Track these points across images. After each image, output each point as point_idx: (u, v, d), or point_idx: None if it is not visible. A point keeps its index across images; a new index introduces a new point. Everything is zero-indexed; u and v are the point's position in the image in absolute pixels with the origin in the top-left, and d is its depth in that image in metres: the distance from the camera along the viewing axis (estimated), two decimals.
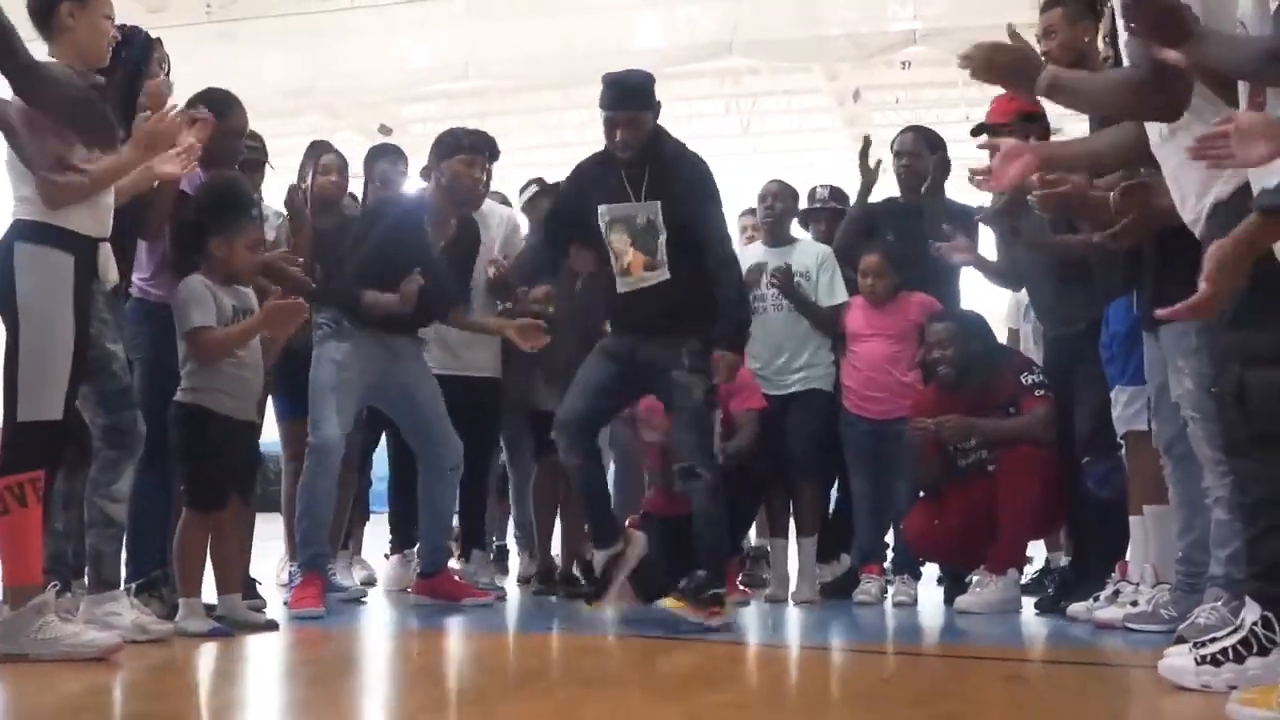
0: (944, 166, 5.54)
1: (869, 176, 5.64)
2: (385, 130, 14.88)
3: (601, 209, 4.55)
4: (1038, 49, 4.59)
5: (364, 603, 5.16)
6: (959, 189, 5.82)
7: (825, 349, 5.46)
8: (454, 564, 5.36)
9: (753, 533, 6.05)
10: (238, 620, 4.10)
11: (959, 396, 5.04)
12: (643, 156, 4.48)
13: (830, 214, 5.91)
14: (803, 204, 5.88)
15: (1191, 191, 3.13)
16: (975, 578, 4.94)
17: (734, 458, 5.21)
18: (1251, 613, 2.95)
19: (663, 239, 4.48)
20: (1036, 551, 5.38)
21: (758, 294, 5.42)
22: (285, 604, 4.72)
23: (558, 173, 6.55)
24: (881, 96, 17.02)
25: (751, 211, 6.18)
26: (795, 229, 5.80)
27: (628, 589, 5.17)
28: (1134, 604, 4.19)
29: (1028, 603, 4.95)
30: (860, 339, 5.38)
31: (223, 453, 4.05)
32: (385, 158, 5.73)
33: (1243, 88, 2.83)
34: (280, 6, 13.27)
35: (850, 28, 12.58)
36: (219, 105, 4.47)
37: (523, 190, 6.06)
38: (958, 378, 5.03)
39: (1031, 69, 3.33)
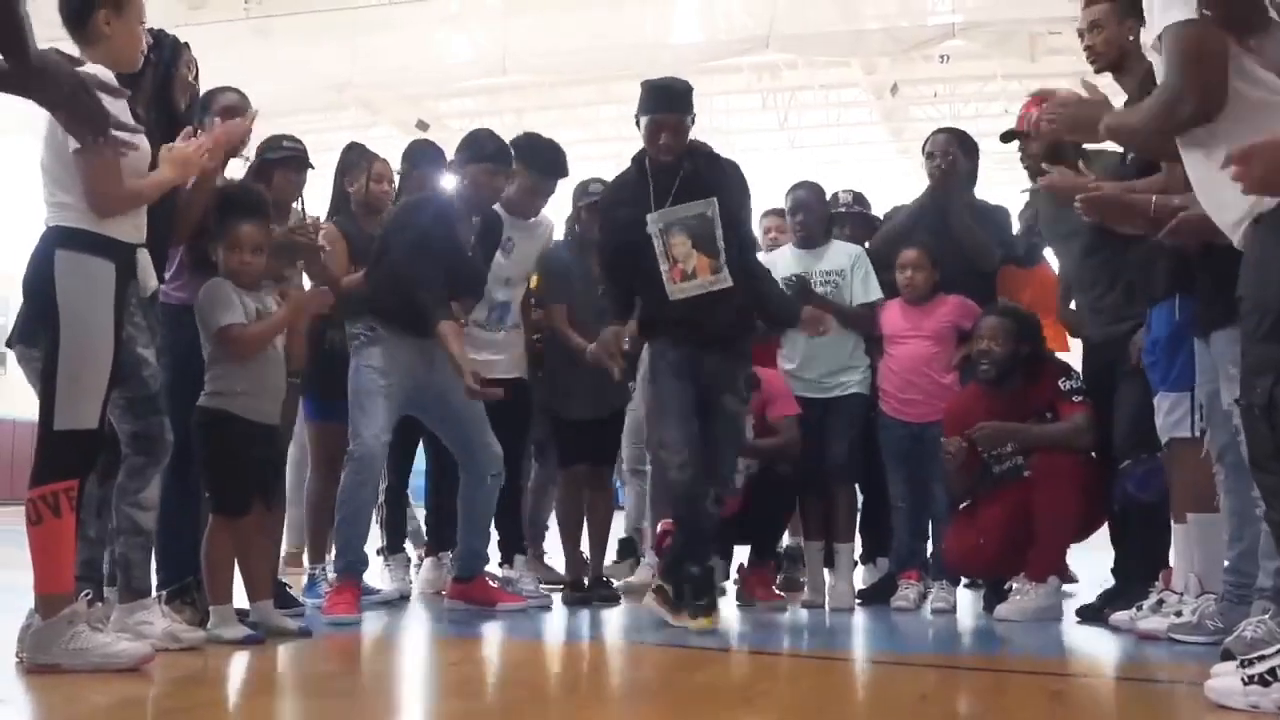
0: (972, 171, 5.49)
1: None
2: (423, 125, 14.89)
3: (651, 217, 4.54)
4: (1081, 43, 4.54)
5: (397, 606, 5.14)
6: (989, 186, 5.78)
7: (860, 351, 5.40)
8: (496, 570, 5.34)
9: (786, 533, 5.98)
10: (271, 627, 4.08)
11: (996, 399, 4.97)
12: (676, 164, 4.50)
13: (854, 218, 5.86)
14: None
15: (1230, 202, 3.04)
16: (1015, 584, 4.87)
17: (771, 461, 5.18)
18: None
19: (720, 239, 4.48)
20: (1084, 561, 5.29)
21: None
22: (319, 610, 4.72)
23: (593, 167, 6.53)
24: (919, 90, 16.92)
25: (776, 212, 6.10)
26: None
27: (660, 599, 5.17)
28: (1178, 614, 4.11)
29: (1069, 607, 4.87)
30: (897, 340, 5.32)
31: (245, 457, 4.03)
32: (424, 157, 5.68)
33: None
34: (318, 2, 13.32)
35: (888, 21, 12.53)
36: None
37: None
38: (997, 376, 4.95)
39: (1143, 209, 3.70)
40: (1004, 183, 9.38)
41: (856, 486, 5.54)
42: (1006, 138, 4.91)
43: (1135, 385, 4.41)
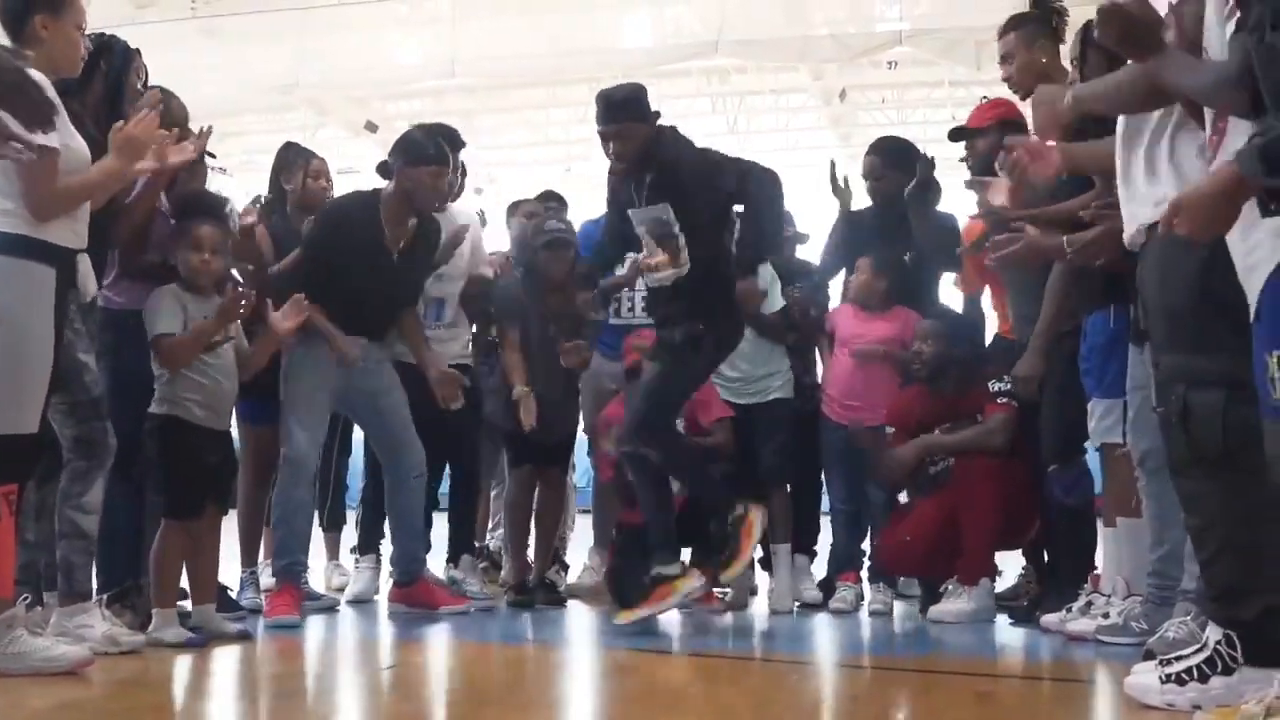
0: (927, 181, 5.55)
1: (843, 198, 5.69)
2: (371, 127, 14.85)
3: (630, 213, 4.69)
4: (1001, 74, 4.64)
5: (337, 611, 5.16)
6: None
7: (779, 356, 5.45)
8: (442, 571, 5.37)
9: None
10: (212, 630, 4.10)
11: (933, 399, 5.07)
12: (644, 165, 4.57)
13: None
14: None
15: (1143, 201, 3.14)
16: (949, 587, 4.95)
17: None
18: (1214, 632, 2.97)
19: (680, 236, 4.55)
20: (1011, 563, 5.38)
21: None
22: (261, 613, 4.74)
23: (543, 170, 6.60)
24: (868, 96, 17.05)
25: None
26: None
27: (605, 595, 5.23)
28: (1105, 616, 4.21)
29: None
30: (846, 343, 5.37)
31: (198, 462, 4.06)
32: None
33: (1208, 110, 2.85)
34: (266, 3, 13.24)
35: (836, 28, 12.61)
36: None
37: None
38: (929, 377, 5.06)
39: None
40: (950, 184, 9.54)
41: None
42: (954, 136, 5.00)
43: (1063, 391, 4.48)
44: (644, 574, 5.04)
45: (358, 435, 5.65)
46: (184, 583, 4.23)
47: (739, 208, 4.68)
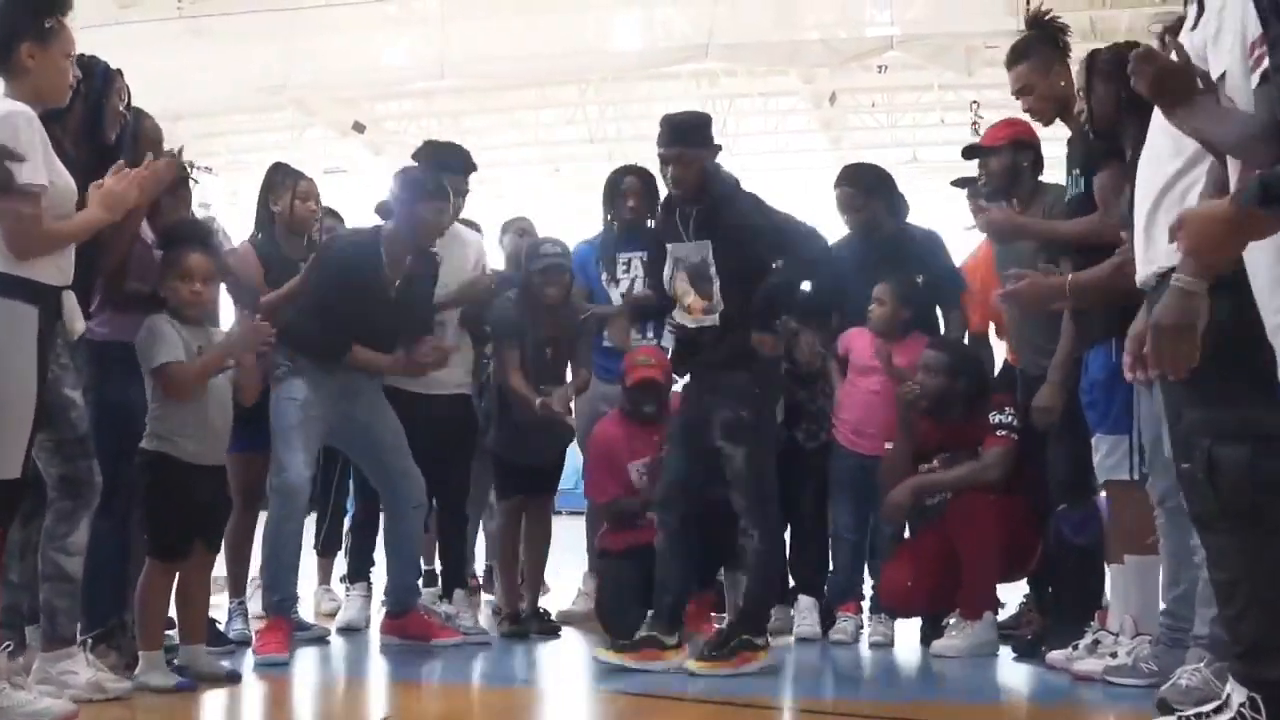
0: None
1: None
2: (359, 127, 14.75)
3: (669, 248, 4.61)
4: (1021, 105, 4.56)
5: (328, 642, 5.05)
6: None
7: None
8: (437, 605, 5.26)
9: None
10: (200, 672, 4.00)
11: (938, 429, 4.98)
12: (699, 196, 4.48)
13: None
14: None
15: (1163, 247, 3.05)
16: (951, 620, 4.87)
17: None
18: (1238, 693, 2.88)
19: (715, 280, 4.47)
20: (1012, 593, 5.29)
21: None
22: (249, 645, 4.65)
23: (532, 171, 6.50)
24: (858, 100, 16.98)
25: None
26: None
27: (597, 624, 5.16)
28: (1113, 655, 4.12)
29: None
30: (864, 371, 5.24)
31: (188, 501, 3.95)
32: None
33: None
34: (253, 2, 13.10)
35: (827, 32, 12.53)
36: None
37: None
38: (930, 409, 4.97)
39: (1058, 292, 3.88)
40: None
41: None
42: (968, 154, 4.90)
43: (1071, 427, 4.40)
44: (630, 603, 5.03)
45: None
46: (171, 610, 4.12)
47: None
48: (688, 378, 4.79)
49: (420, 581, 5.23)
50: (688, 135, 4.50)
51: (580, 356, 5.34)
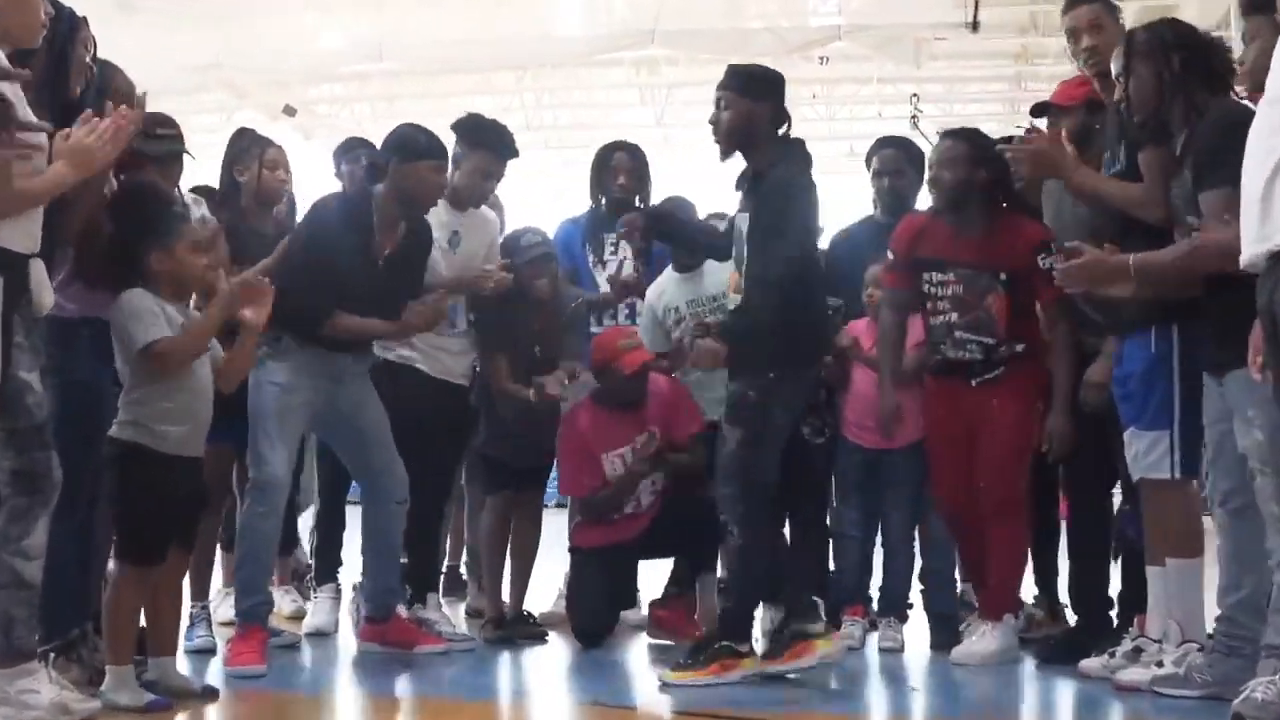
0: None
1: None
2: (290, 111, 14.28)
3: (734, 218, 4.30)
4: (1076, 45, 4.28)
5: (299, 649, 4.67)
6: None
7: None
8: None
9: None
10: (172, 687, 3.60)
11: (953, 242, 4.52)
12: (744, 155, 4.18)
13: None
14: None
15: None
16: (970, 623, 4.60)
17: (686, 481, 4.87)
18: None
19: (745, 256, 4.13)
20: None
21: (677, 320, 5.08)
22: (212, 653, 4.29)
23: None
24: (797, 91, 16.76)
25: (719, 215, 5.73)
26: None
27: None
28: (1159, 665, 3.87)
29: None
30: (864, 362, 4.91)
31: (165, 498, 3.54)
32: (348, 155, 5.23)
33: None
34: None
35: (771, 21, 12.35)
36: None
37: None
38: (950, 206, 4.54)
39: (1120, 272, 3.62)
40: None
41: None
42: (1037, 111, 4.60)
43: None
44: (601, 603, 4.84)
45: None
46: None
47: None
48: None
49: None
50: (741, 80, 4.18)
51: (570, 349, 4.99)
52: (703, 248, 4.79)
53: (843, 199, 6.40)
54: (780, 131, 4.20)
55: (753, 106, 4.13)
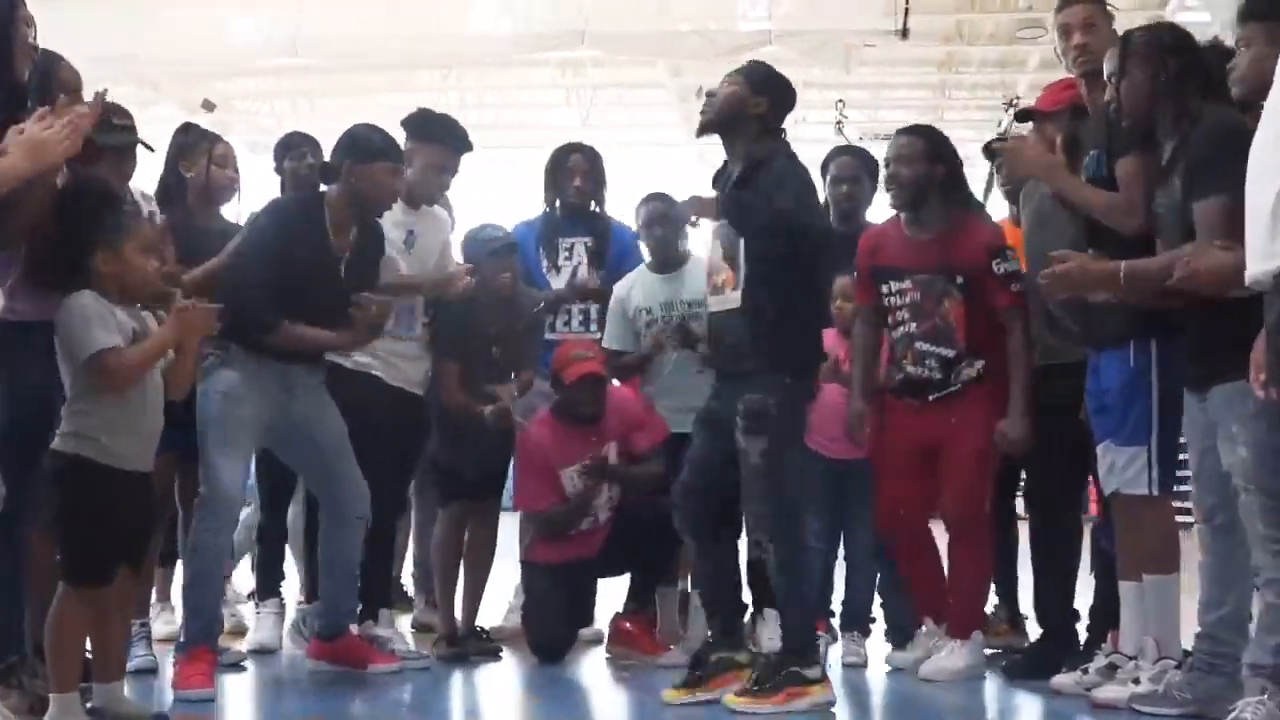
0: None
1: None
2: (208, 106, 13.93)
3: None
4: (1067, 43, 4.22)
5: (245, 668, 4.47)
6: None
7: None
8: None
9: None
10: (120, 714, 3.40)
11: (907, 244, 4.49)
12: (736, 150, 4.02)
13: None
14: None
15: None
16: (929, 638, 4.51)
17: (648, 492, 4.75)
18: None
19: (742, 249, 3.98)
20: None
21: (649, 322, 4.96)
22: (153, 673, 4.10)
23: None
24: None
25: None
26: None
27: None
28: (1136, 681, 3.82)
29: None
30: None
31: (113, 515, 3.31)
32: (292, 152, 5.03)
33: None
34: None
35: (699, 24, 12.27)
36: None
37: None
38: (909, 203, 4.48)
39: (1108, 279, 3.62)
40: None
41: None
42: (1022, 117, 4.54)
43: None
44: (558, 621, 4.73)
45: None
46: None
47: None
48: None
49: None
50: (752, 70, 4.08)
51: (528, 354, 4.85)
52: None
53: None
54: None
55: (749, 95, 4.01)
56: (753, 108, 4.00)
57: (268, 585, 4.89)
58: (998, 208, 5.41)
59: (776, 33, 12.29)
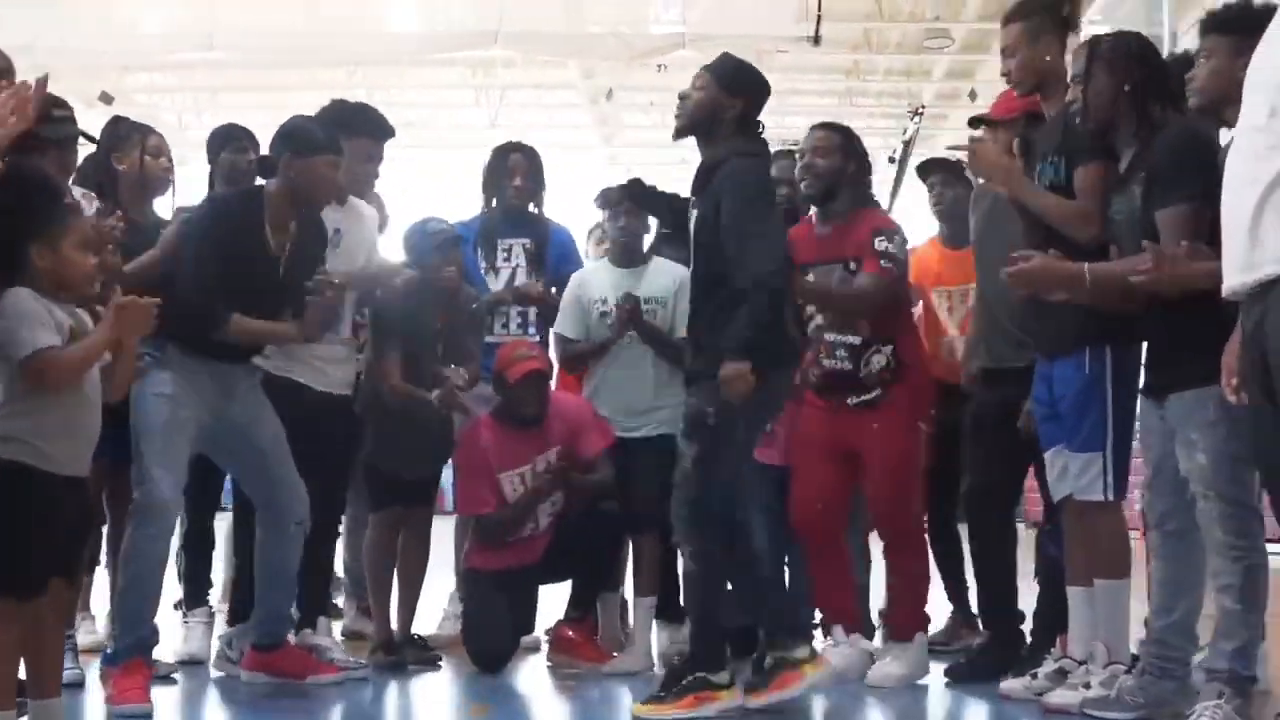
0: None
1: None
2: (106, 99, 13.57)
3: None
4: (1001, 68, 4.26)
5: (176, 681, 4.31)
6: None
7: (675, 387, 4.72)
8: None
9: None
10: None
11: (815, 239, 4.54)
12: (705, 153, 4.01)
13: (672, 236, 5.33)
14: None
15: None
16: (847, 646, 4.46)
17: (592, 499, 4.71)
18: None
19: (693, 248, 3.99)
20: None
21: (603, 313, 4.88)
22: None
23: None
24: (634, 98, 16.78)
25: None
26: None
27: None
28: (1087, 686, 3.84)
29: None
30: None
31: (46, 523, 3.14)
32: (231, 144, 4.88)
33: None
34: None
35: (612, 27, 12.25)
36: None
37: None
38: (821, 195, 4.52)
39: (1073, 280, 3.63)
40: None
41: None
42: (975, 123, 4.51)
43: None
44: (499, 630, 4.64)
45: None
46: None
47: None
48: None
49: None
50: (723, 68, 4.03)
51: (470, 350, 4.75)
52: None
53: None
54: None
55: (723, 97, 3.98)
56: (726, 110, 3.98)
57: (195, 594, 4.73)
58: (929, 227, 5.42)
59: (690, 36, 12.28)
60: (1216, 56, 3.36)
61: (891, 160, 14.25)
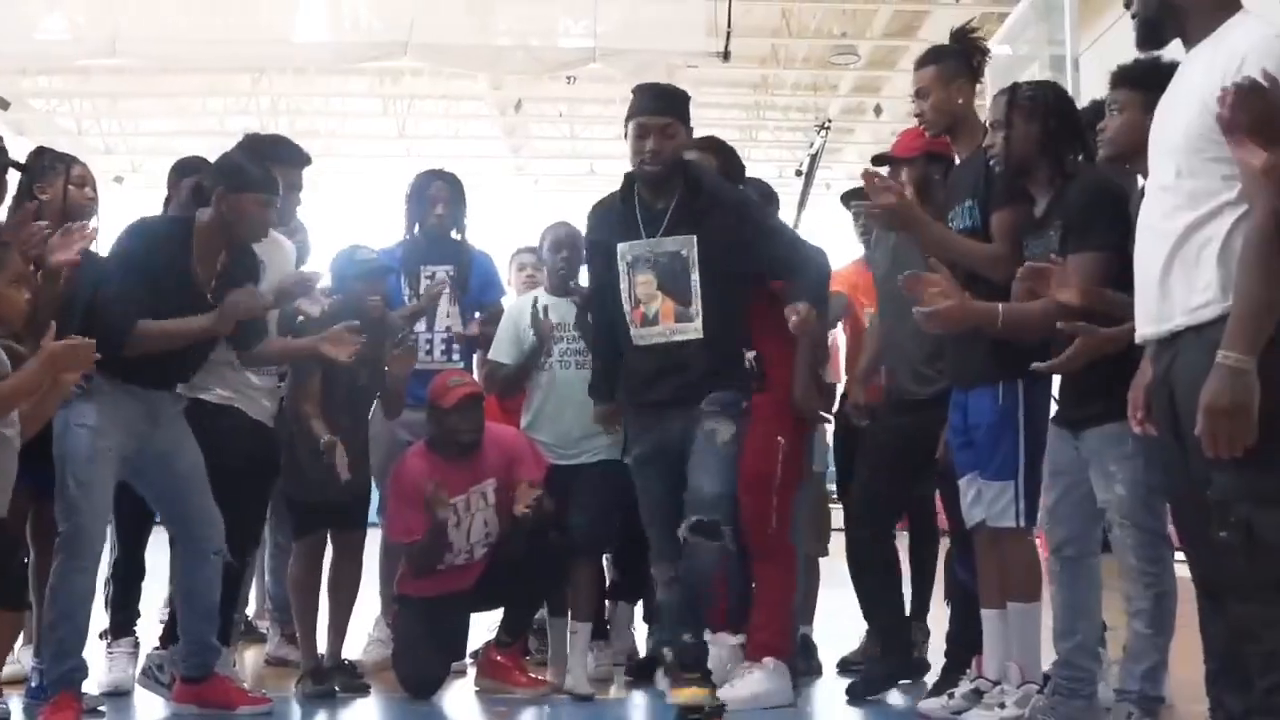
0: None
1: None
2: (2, 104, 13.30)
3: (621, 247, 4.08)
4: (914, 109, 4.38)
5: (103, 713, 4.27)
6: None
7: None
8: None
9: None
10: None
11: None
12: (670, 185, 4.04)
13: None
14: None
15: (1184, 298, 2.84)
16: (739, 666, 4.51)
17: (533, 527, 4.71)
18: None
19: (696, 280, 4.01)
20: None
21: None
22: None
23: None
24: (542, 109, 16.84)
25: (530, 250, 5.63)
26: None
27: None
28: (1002, 705, 3.99)
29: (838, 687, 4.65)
30: None
31: None
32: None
33: None
34: None
35: (521, 39, 12.29)
36: None
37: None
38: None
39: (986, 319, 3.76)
40: None
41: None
42: (878, 161, 4.66)
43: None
44: (431, 657, 4.65)
45: None
46: None
47: None
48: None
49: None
50: (678, 105, 4.10)
51: (392, 384, 4.77)
52: None
53: (580, 216, 6.41)
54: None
55: (687, 131, 4.12)
56: (686, 141, 4.12)
57: (122, 624, 4.68)
58: (854, 249, 5.55)
59: (600, 50, 12.37)
60: (1129, 111, 3.49)
61: (798, 173, 14.45)
